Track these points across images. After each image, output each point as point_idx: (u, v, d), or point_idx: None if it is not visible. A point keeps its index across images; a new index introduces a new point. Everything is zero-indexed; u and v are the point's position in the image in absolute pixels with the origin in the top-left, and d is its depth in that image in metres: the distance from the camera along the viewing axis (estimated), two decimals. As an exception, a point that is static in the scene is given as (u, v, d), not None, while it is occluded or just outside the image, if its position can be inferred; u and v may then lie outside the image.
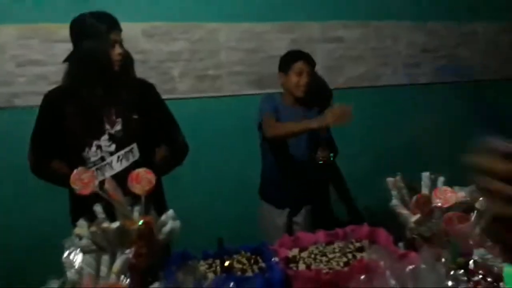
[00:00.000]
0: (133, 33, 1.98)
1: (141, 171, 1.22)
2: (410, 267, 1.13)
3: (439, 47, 2.58)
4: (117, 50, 1.60)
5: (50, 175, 1.68)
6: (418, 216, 1.35)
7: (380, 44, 2.45)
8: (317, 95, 2.15)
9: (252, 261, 1.33)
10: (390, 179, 1.47)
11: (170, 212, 1.30)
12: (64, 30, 1.65)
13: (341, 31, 2.34)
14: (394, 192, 1.45)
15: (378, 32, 2.42)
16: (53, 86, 1.72)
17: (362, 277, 1.09)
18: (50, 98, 1.65)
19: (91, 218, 1.20)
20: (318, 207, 2.18)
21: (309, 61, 2.03)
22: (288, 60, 2.06)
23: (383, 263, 1.19)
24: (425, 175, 1.47)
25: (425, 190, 1.46)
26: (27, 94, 1.88)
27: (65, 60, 1.63)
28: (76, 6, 1.64)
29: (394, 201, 1.43)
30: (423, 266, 1.13)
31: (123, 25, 1.69)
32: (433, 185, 1.45)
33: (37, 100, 1.72)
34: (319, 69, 2.29)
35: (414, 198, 1.39)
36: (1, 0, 1.79)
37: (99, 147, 1.63)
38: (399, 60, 2.51)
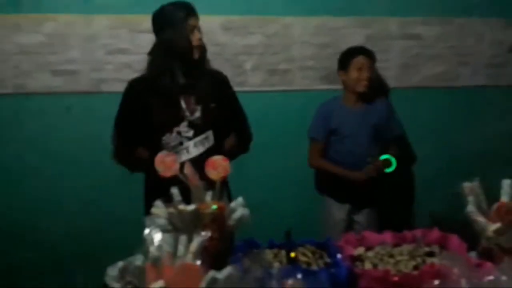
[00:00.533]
0: (211, 26, 2.05)
1: (218, 158, 1.28)
2: (489, 277, 1.08)
3: (528, 46, 2.40)
4: (197, 35, 1.66)
5: (131, 161, 1.77)
6: (498, 225, 1.28)
7: (461, 43, 2.32)
8: (377, 90, 2.09)
9: (317, 255, 1.34)
10: (466, 184, 1.40)
11: (240, 199, 1.34)
12: (147, 21, 1.76)
13: (420, 27, 2.25)
14: (470, 198, 1.38)
15: (460, 30, 2.29)
16: (137, 75, 1.84)
17: (436, 282, 1.06)
18: (133, 86, 1.75)
19: (166, 201, 1.28)
20: (384, 210, 2.12)
21: (369, 55, 2.00)
22: (348, 56, 2.02)
23: (457, 270, 1.15)
24: (507, 182, 1.38)
25: (505, 199, 1.38)
26: (113, 81, 2.02)
27: (149, 53, 1.73)
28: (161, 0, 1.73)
29: (470, 207, 1.36)
30: (503, 277, 1.08)
31: (201, 18, 1.76)
32: (515, 194, 1.36)
33: (122, 87, 1.85)
34: (394, 66, 2.24)
35: (495, 206, 1.32)
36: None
37: (179, 132, 1.72)
38: (481, 60, 2.37)
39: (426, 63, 2.31)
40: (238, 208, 1.33)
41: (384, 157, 2.03)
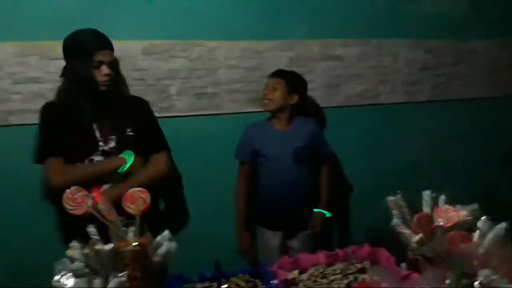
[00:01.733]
0: (132, 51, 1.98)
1: (136, 190, 1.19)
2: (415, 288, 1.10)
3: (438, 65, 2.58)
4: (104, 71, 1.59)
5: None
6: (420, 235, 1.32)
7: (380, 62, 2.44)
8: (304, 111, 2.13)
9: (251, 284, 1.29)
10: (390, 198, 1.44)
11: (166, 233, 1.27)
12: (60, 48, 1.65)
13: (341, 49, 2.34)
14: (395, 211, 1.42)
15: (378, 50, 2.42)
16: (50, 104, 1.71)
17: (364, 300, 1.05)
18: (48, 110, 1.66)
19: (84, 238, 1.17)
20: (317, 233, 2.12)
21: (276, 75, 2.02)
22: None
23: (386, 285, 1.16)
24: (426, 193, 1.45)
25: (426, 209, 1.43)
26: (23, 112, 1.86)
27: (60, 76, 1.64)
28: (74, 24, 1.63)
29: (395, 221, 1.40)
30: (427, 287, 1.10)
31: (122, 43, 1.70)
32: (435, 203, 1.42)
33: (34, 118, 1.71)
34: (318, 87, 2.30)
35: (416, 217, 1.36)
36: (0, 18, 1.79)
37: (91, 161, 1.63)
38: (398, 78, 2.51)
39: (348, 83, 2.39)
40: (164, 242, 1.25)
41: (316, 210, 2.09)
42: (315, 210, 2.08)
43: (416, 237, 1.32)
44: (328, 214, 2.10)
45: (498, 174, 2.72)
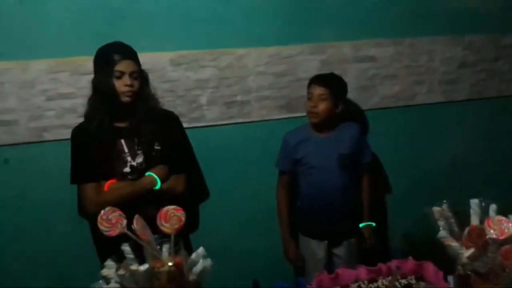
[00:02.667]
0: (160, 63, 1.96)
1: (170, 208, 1.16)
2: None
3: (477, 61, 2.45)
4: (125, 81, 1.58)
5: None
6: (472, 250, 1.23)
7: (414, 62, 2.34)
8: (346, 117, 2.05)
9: (290, 302, 1.24)
10: (436, 209, 1.36)
11: (201, 250, 1.23)
12: (89, 63, 1.66)
13: (374, 49, 2.25)
14: (441, 223, 1.34)
15: (412, 49, 2.32)
16: (81, 119, 1.72)
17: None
18: (76, 134, 1.68)
19: (119, 257, 1.15)
20: (362, 240, 2.06)
21: (323, 83, 1.92)
22: (307, 85, 1.99)
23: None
24: (474, 202, 1.35)
25: (475, 220, 1.33)
26: (56, 128, 1.88)
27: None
28: (102, 39, 1.64)
29: (442, 232, 1.31)
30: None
31: (151, 55, 1.68)
32: (484, 213, 1.32)
33: (67, 134, 1.73)
34: (351, 89, 2.21)
35: (466, 230, 1.27)
36: (28, 36, 1.81)
37: (122, 175, 1.63)
38: (435, 78, 2.39)
39: (383, 84, 2.30)
40: (199, 260, 1.22)
41: (362, 225, 2.05)
42: (361, 225, 2.03)
43: (468, 252, 1.23)
44: (373, 224, 2.04)
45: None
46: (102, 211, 1.10)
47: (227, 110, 2.10)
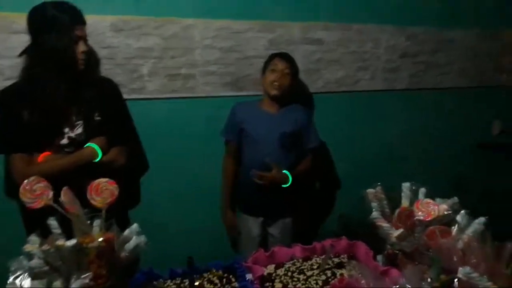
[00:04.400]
0: (100, 27, 1.83)
1: (102, 181, 1.10)
2: (394, 287, 1.07)
3: (418, 52, 2.55)
4: (82, 47, 1.46)
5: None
6: (401, 230, 1.29)
7: (361, 48, 2.38)
8: (296, 97, 2.07)
9: (225, 280, 1.23)
10: (370, 191, 1.40)
11: (134, 226, 1.18)
12: (21, 20, 1.50)
13: (322, 32, 2.26)
14: (374, 204, 1.39)
15: (359, 35, 2.36)
16: (8, 82, 1.56)
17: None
18: (6, 97, 1.50)
19: (46, 232, 1.08)
20: (297, 221, 2.09)
21: (287, 59, 1.96)
22: (267, 60, 2.01)
23: (364, 282, 1.12)
24: (406, 185, 1.41)
25: (405, 202, 1.40)
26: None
27: (21, 54, 1.48)
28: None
29: (375, 214, 1.36)
30: (408, 286, 1.07)
31: (90, 17, 1.55)
32: (414, 196, 1.39)
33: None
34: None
35: (397, 211, 1.33)
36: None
37: (58, 146, 1.51)
38: (378, 65, 2.46)
39: (328, 68, 2.33)
40: (133, 237, 1.17)
41: (285, 172, 1.98)
42: (284, 171, 1.96)
43: (397, 232, 1.29)
44: (290, 181, 1.95)
45: (472, 164, 2.75)
46: (26, 181, 1.01)
47: (169, 82, 2.01)
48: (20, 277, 0.92)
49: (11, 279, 0.92)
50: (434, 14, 2.52)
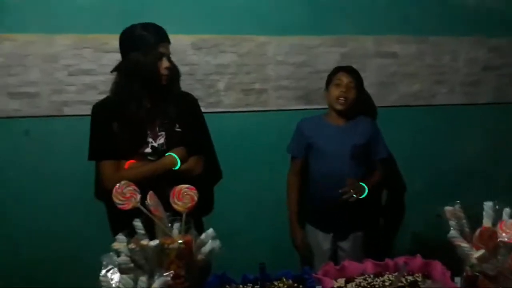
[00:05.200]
0: (181, 45, 1.98)
1: (184, 187, 1.18)
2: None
3: (501, 65, 2.40)
4: (165, 63, 1.59)
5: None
6: (482, 251, 1.21)
7: (437, 61, 2.30)
8: (362, 110, 2.06)
9: (295, 289, 1.25)
10: (448, 208, 1.35)
11: (210, 231, 1.25)
12: (114, 41, 1.67)
13: (396, 46, 2.22)
14: (452, 222, 1.33)
15: (435, 48, 2.28)
16: (101, 96, 1.74)
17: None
18: (98, 110, 1.67)
19: (131, 232, 1.18)
20: (369, 234, 2.06)
21: (350, 73, 1.96)
22: (330, 74, 2.02)
23: (441, 303, 1.08)
24: (488, 205, 1.33)
25: (487, 222, 1.32)
26: (77, 103, 1.91)
27: (112, 70, 1.65)
28: (127, 17, 1.65)
29: (453, 232, 1.30)
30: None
31: (172, 37, 1.69)
32: (497, 217, 1.31)
33: (86, 110, 1.75)
34: (370, 85, 2.20)
35: (478, 231, 1.26)
36: (55, 11, 1.84)
37: (143, 155, 1.64)
38: (457, 78, 2.36)
39: (403, 82, 2.28)
40: (208, 241, 1.24)
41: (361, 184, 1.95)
42: (360, 183, 1.93)
43: (478, 253, 1.21)
44: (366, 192, 1.92)
45: None
46: (118, 184, 1.12)
47: (244, 97, 2.10)
48: (111, 271, 1.02)
49: (103, 271, 1.02)
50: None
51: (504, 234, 1.23)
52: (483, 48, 2.36)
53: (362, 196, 1.90)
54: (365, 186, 1.91)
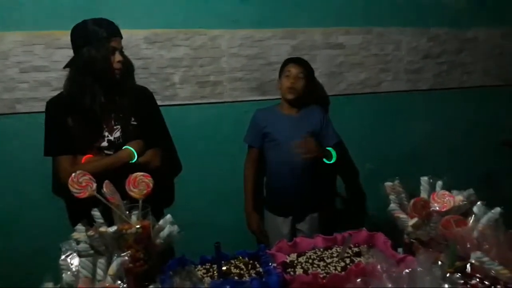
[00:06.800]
0: (135, 40, 2.01)
1: (139, 174, 1.23)
2: (407, 270, 1.13)
3: (441, 53, 2.58)
4: (118, 57, 1.62)
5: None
6: (415, 219, 1.35)
7: (382, 51, 2.45)
8: (313, 99, 2.17)
9: (250, 266, 1.34)
10: (388, 184, 1.47)
11: (168, 216, 1.31)
12: (65, 37, 1.68)
13: (343, 37, 2.35)
14: (392, 197, 1.45)
15: (380, 38, 2.43)
16: (55, 93, 1.75)
17: (358, 280, 1.09)
18: (52, 106, 1.68)
19: (90, 222, 1.21)
20: (324, 215, 2.17)
21: (300, 64, 2.07)
22: (281, 66, 2.13)
23: (380, 267, 1.19)
24: (424, 179, 1.47)
25: (424, 195, 1.46)
26: (29, 100, 1.90)
27: (65, 66, 1.66)
28: (79, 13, 1.67)
29: (392, 206, 1.43)
30: (419, 269, 1.13)
31: (125, 32, 1.73)
32: (432, 189, 1.45)
33: (40, 107, 1.76)
34: (320, 75, 2.31)
35: (412, 201, 1.39)
36: (5, 7, 1.82)
37: (99, 149, 1.67)
38: (401, 67, 2.51)
39: (351, 71, 2.41)
40: (167, 226, 1.30)
41: (328, 148, 2.06)
42: (328, 147, 2.04)
43: (412, 221, 1.35)
44: (334, 157, 2.04)
45: (496, 162, 2.73)
46: (73, 174, 1.16)
47: (199, 89, 2.16)
48: (70, 256, 1.06)
49: (62, 257, 1.06)
50: (456, 15, 2.55)
51: (435, 204, 1.37)
52: (424, 37, 2.52)
53: (332, 161, 2.02)
54: (332, 151, 2.02)
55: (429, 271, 1.13)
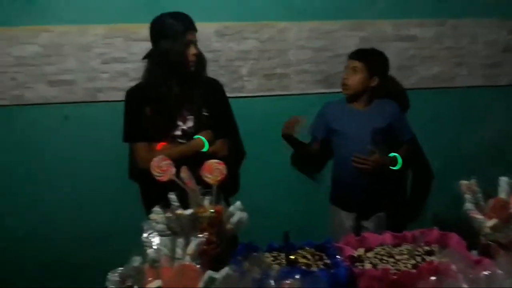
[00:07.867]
0: (206, 33, 2.07)
1: (213, 162, 1.28)
2: (485, 272, 1.08)
3: (521, 46, 2.40)
4: (192, 50, 1.69)
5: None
6: (494, 221, 1.28)
7: (456, 44, 2.33)
8: (386, 93, 2.10)
9: (317, 257, 1.34)
10: (463, 182, 1.41)
11: (238, 203, 1.35)
12: (143, 30, 1.78)
13: (415, 29, 2.26)
14: (467, 196, 1.39)
15: (454, 30, 2.31)
16: (133, 83, 1.86)
17: (432, 278, 1.05)
18: (130, 96, 1.79)
19: (165, 206, 1.28)
20: (392, 215, 2.11)
21: (357, 57, 1.99)
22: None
23: (455, 267, 1.15)
24: (503, 180, 1.39)
25: (502, 195, 1.38)
26: (109, 90, 2.03)
27: (143, 58, 1.76)
28: (154, 7, 1.76)
29: (468, 205, 1.37)
30: (499, 271, 1.08)
31: (197, 25, 1.79)
32: (511, 190, 1.37)
33: (119, 96, 1.87)
34: (390, 68, 2.24)
35: (491, 201, 1.32)
36: (88, 2, 1.96)
37: (173, 137, 1.75)
38: (477, 61, 2.38)
39: (422, 65, 2.31)
40: (236, 212, 1.34)
41: (391, 155, 2.01)
42: (391, 154, 1.99)
43: (490, 222, 1.28)
44: (399, 164, 1.99)
45: None
46: (155, 159, 1.23)
47: (266, 82, 2.19)
48: (151, 234, 1.13)
49: (145, 234, 1.13)
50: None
51: (516, 205, 1.29)
52: (503, 30, 2.36)
53: (397, 167, 1.97)
54: (398, 157, 1.97)
55: (510, 274, 1.07)
